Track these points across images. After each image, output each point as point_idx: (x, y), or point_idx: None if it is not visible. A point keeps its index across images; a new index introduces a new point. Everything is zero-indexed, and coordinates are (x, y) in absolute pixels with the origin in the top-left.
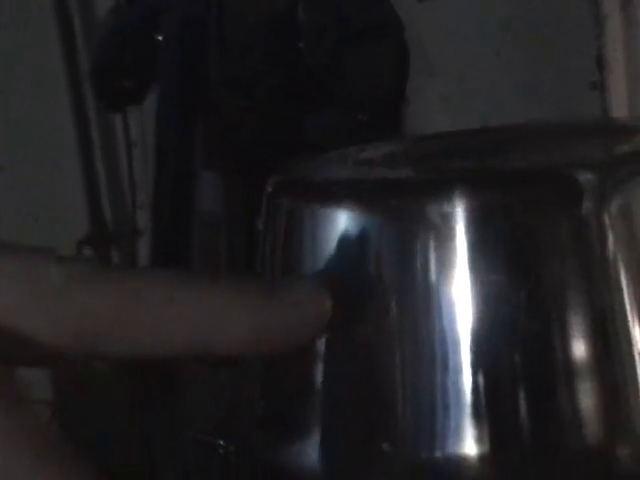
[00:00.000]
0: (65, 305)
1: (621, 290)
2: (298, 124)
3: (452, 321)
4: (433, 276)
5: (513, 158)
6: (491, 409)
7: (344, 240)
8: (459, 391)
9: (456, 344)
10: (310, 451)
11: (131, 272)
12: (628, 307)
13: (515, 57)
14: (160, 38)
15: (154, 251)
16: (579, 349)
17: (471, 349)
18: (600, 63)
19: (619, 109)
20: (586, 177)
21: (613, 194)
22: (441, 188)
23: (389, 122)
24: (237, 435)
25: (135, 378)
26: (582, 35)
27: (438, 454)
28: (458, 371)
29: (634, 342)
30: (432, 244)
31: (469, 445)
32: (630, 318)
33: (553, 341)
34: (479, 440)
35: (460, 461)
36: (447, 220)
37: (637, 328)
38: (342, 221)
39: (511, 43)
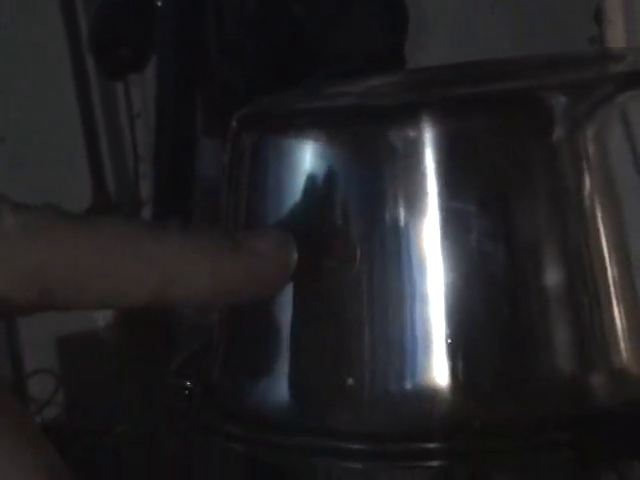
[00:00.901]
0: (22, 256)
1: (595, 219)
2: (295, 86)
3: (421, 251)
4: (401, 205)
5: (487, 85)
6: (462, 340)
7: (308, 170)
8: (428, 322)
9: (426, 275)
10: (276, 390)
11: (89, 219)
12: (603, 236)
13: (511, 11)
14: (159, 3)
15: (156, 219)
16: (553, 279)
17: (442, 279)
18: (599, 18)
19: None
20: (557, 100)
21: (587, 118)
22: (405, 113)
23: None
24: (203, 376)
25: (140, 350)
26: None
27: (408, 387)
28: (428, 302)
29: (609, 272)
30: (399, 173)
31: (440, 377)
32: (605, 248)
33: (526, 271)
34: (450, 372)
35: (430, 393)
36: (412, 146)
37: (612, 258)
38: (305, 151)
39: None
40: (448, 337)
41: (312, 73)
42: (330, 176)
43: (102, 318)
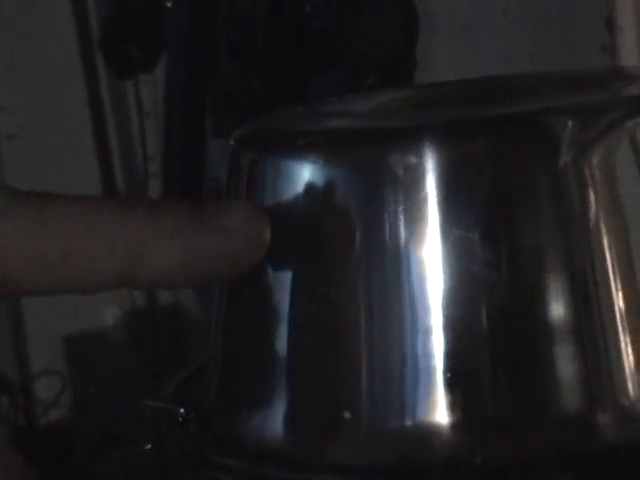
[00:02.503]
0: None
1: (602, 247)
2: (306, 88)
3: (422, 281)
4: (401, 233)
5: (492, 106)
6: (465, 374)
7: (306, 193)
8: (430, 355)
9: (427, 305)
10: (271, 420)
11: (50, 200)
12: (609, 265)
13: (522, 17)
14: (169, 5)
15: None
16: (558, 311)
17: (443, 311)
18: (610, 25)
19: None
20: (565, 124)
21: (594, 143)
22: (406, 137)
23: (397, 86)
24: (197, 401)
25: (147, 351)
26: None
27: (408, 422)
28: (429, 334)
29: (615, 303)
30: (399, 198)
31: (441, 413)
32: (612, 277)
33: (530, 302)
34: (452, 407)
35: (431, 430)
36: (413, 172)
37: (619, 287)
38: (304, 172)
39: (517, 4)
40: (448, 371)
41: (323, 73)
42: (329, 199)
43: (110, 318)
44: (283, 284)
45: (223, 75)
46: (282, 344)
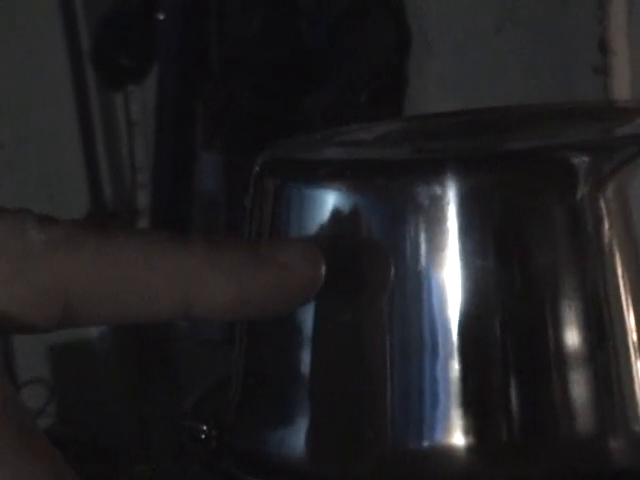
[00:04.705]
0: (44, 272)
1: (616, 277)
2: (298, 103)
3: (442, 307)
4: (423, 260)
5: (508, 139)
6: (481, 398)
7: (331, 221)
8: (448, 379)
9: (446, 331)
10: (293, 438)
11: (111, 232)
12: (623, 295)
13: (516, 38)
14: (161, 18)
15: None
16: (572, 337)
17: (461, 336)
18: (603, 47)
19: (621, 93)
20: (582, 160)
21: (609, 178)
22: (430, 169)
23: (390, 103)
24: (218, 418)
25: (133, 361)
26: (585, 18)
27: (425, 443)
28: (448, 358)
29: (629, 330)
30: (422, 227)
31: (457, 435)
32: (625, 306)
33: (545, 328)
34: (467, 430)
35: (448, 451)
36: (437, 202)
37: (632, 316)
38: (328, 201)
39: (512, 23)
40: (464, 394)
41: (316, 89)
42: (353, 224)
43: (96, 328)
44: (306, 307)
45: (215, 89)
46: (305, 365)
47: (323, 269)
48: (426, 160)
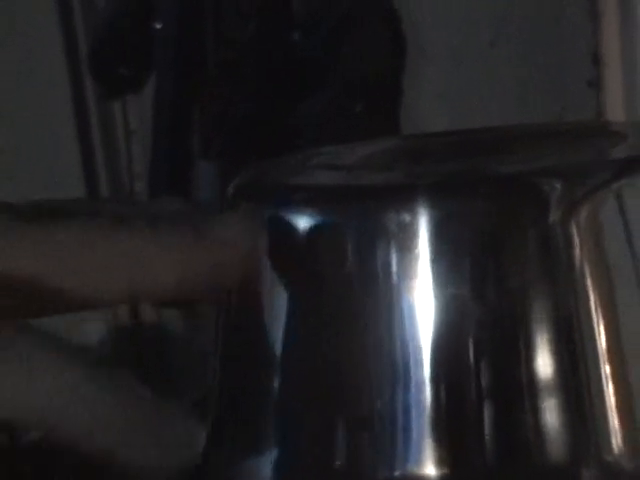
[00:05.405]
0: None
1: (588, 303)
2: (294, 110)
3: (413, 336)
4: (394, 288)
5: (490, 163)
6: (453, 427)
7: (303, 247)
8: (420, 408)
9: (418, 359)
10: (262, 470)
11: (49, 219)
12: (595, 320)
13: (509, 51)
14: (158, 26)
15: None
16: (544, 364)
17: (433, 364)
18: (596, 60)
19: (615, 107)
20: (553, 186)
21: (581, 204)
22: (400, 195)
23: (385, 112)
24: None
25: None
26: (578, 32)
27: (397, 474)
28: (420, 387)
29: (600, 356)
30: (393, 254)
31: (429, 465)
32: (597, 332)
33: (518, 355)
34: (440, 459)
35: None
36: (406, 229)
37: (604, 342)
38: (301, 227)
39: (505, 37)
40: (436, 424)
41: (311, 96)
42: (324, 254)
43: (95, 334)
44: (276, 334)
45: (211, 96)
46: (274, 394)
47: (265, 241)
48: (396, 187)
